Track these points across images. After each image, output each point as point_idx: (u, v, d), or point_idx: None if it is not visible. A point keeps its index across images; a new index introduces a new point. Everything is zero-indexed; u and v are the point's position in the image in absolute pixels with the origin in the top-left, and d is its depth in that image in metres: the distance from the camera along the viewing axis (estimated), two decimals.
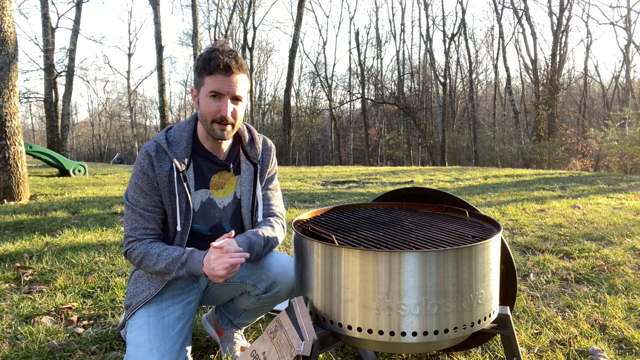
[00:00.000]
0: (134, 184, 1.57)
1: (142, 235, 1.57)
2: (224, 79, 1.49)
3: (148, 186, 1.56)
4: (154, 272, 1.55)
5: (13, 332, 2.13)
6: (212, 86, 1.49)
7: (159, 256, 1.52)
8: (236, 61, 1.49)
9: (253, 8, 27.80)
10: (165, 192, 1.56)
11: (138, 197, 1.56)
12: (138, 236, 1.56)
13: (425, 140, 27.74)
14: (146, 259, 1.53)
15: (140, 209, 1.56)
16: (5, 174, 5.88)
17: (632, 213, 4.71)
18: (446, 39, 28.68)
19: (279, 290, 1.69)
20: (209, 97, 1.51)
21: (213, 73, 1.48)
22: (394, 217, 1.75)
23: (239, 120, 1.57)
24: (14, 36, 5.97)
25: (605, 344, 1.96)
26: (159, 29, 17.59)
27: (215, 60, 1.47)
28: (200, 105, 1.54)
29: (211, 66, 1.48)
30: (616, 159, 18.89)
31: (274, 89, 49.65)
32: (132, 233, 1.57)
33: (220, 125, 1.53)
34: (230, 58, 1.48)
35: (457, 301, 1.24)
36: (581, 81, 28.31)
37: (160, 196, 1.57)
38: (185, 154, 1.58)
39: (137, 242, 1.56)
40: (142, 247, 1.54)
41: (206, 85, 1.50)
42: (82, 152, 48.43)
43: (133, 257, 1.56)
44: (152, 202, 1.56)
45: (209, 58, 1.49)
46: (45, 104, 17.22)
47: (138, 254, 1.54)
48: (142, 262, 1.54)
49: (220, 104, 1.51)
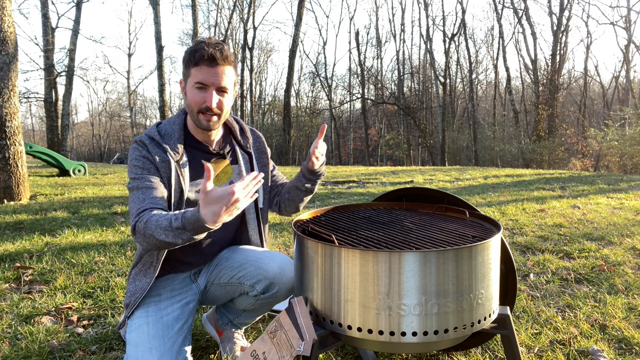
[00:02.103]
0: (134, 166, 1.54)
1: (151, 205, 1.47)
2: (209, 70, 1.50)
3: (151, 166, 1.54)
4: (159, 242, 1.38)
5: (13, 332, 2.13)
6: (198, 77, 1.51)
7: (160, 224, 1.37)
8: (221, 53, 1.51)
9: (253, 8, 27.81)
10: (165, 177, 1.56)
11: (141, 174, 1.52)
12: (147, 206, 1.46)
13: (425, 140, 27.75)
14: (148, 226, 1.39)
15: (146, 182, 1.51)
16: (5, 174, 5.88)
17: (632, 213, 4.71)
18: (446, 39, 28.67)
19: (277, 291, 1.68)
20: (195, 88, 1.53)
21: (198, 64, 1.50)
22: (394, 217, 1.75)
23: (225, 111, 1.59)
24: (14, 36, 5.97)
25: (605, 344, 1.96)
26: (159, 29, 17.59)
27: (200, 51, 1.49)
28: (187, 96, 1.56)
29: (196, 57, 1.49)
30: (616, 159, 18.89)
31: (274, 89, 49.68)
32: (141, 205, 1.47)
33: (206, 115, 1.55)
34: (215, 50, 1.50)
35: (457, 301, 1.24)
36: (581, 81, 28.31)
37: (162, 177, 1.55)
38: (178, 145, 1.59)
39: (146, 212, 1.44)
40: (147, 217, 1.41)
41: (192, 76, 1.52)
42: (82, 152, 48.43)
43: (140, 229, 1.41)
44: (157, 178, 1.54)
45: (194, 49, 1.51)
46: (45, 104, 17.22)
47: (143, 223, 1.40)
48: (146, 233, 1.39)
49: (205, 94, 1.53)
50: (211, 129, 1.60)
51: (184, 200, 1.59)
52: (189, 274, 1.76)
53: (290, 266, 1.70)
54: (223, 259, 1.76)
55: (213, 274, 1.75)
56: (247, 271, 1.69)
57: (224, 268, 1.73)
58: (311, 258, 1.35)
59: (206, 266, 1.78)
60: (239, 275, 1.70)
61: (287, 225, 4.37)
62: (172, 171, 1.56)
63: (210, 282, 1.75)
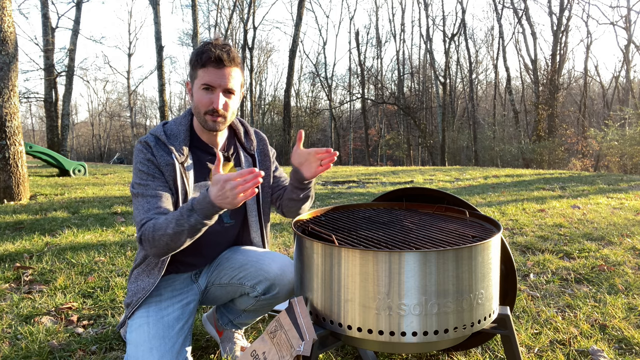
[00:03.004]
0: (139, 171, 1.54)
1: (156, 214, 1.47)
2: (215, 71, 1.51)
3: (155, 170, 1.54)
4: (169, 237, 1.41)
5: (13, 332, 2.13)
6: (204, 79, 1.51)
7: (166, 219, 1.42)
8: (228, 54, 1.51)
9: (253, 8, 27.81)
10: (170, 180, 1.56)
11: (146, 181, 1.52)
12: (152, 215, 1.47)
13: (425, 140, 27.75)
14: (157, 230, 1.41)
15: (151, 191, 1.51)
16: (5, 174, 5.88)
17: (632, 213, 4.71)
18: (446, 39, 28.68)
19: (278, 292, 1.68)
20: (202, 89, 1.53)
21: (205, 66, 1.50)
22: (394, 217, 1.75)
23: (231, 113, 1.59)
24: (14, 36, 5.97)
25: (605, 344, 1.96)
26: (159, 29, 17.58)
27: (207, 53, 1.49)
28: (193, 97, 1.57)
29: (203, 59, 1.50)
30: (616, 159, 18.89)
31: (274, 89, 49.65)
32: (146, 215, 1.47)
33: (212, 117, 1.55)
34: (222, 51, 1.50)
35: (457, 301, 1.24)
36: (581, 81, 28.32)
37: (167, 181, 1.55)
38: (183, 146, 1.59)
39: (150, 221, 1.45)
40: (153, 222, 1.44)
41: (199, 77, 1.53)
42: (82, 152, 48.42)
43: (147, 234, 1.43)
44: (162, 184, 1.54)
45: (201, 51, 1.51)
46: (45, 104, 17.22)
47: (150, 229, 1.43)
48: (155, 236, 1.41)
49: (212, 96, 1.53)
50: (217, 130, 1.60)
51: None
52: (190, 275, 1.76)
53: (291, 267, 1.69)
54: (224, 259, 1.76)
55: (214, 274, 1.75)
56: (248, 272, 1.69)
57: (224, 268, 1.73)
58: (311, 258, 1.35)
59: (207, 266, 1.78)
60: (239, 275, 1.70)
61: (287, 225, 4.37)
62: (176, 174, 1.55)
63: (211, 283, 1.75)
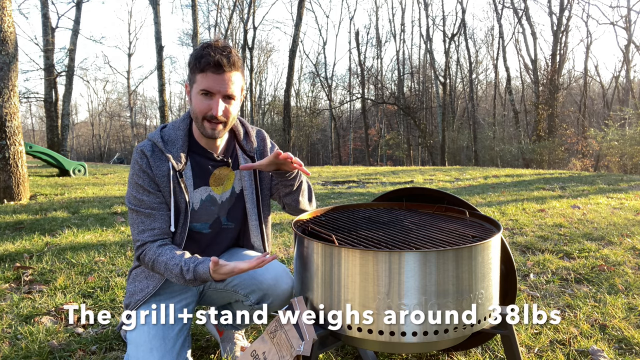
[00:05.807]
0: (135, 184, 1.54)
1: (150, 237, 1.52)
2: (215, 77, 1.45)
3: (150, 183, 1.53)
4: (165, 275, 1.52)
5: (13, 332, 2.13)
6: (203, 84, 1.46)
7: (166, 266, 1.48)
8: (228, 59, 1.45)
9: (253, 8, 27.81)
10: (166, 192, 1.55)
11: (141, 196, 1.53)
12: (146, 239, 1.52)
13: (425, 140, 27.74)
14: (155, 267, 1.51)
15: (144, 209, 1.53)
16: (5, 174, 5.88)
17: (632, 213, 4.71)
18: (446, 39, 28.67)
19: (272, 302, 1.64)
20: (200, 94, 1.48)
21: (204, 71, 1.45)
22: (394, 217, 1.75)
23: (231, 118, 1.54)
24: (14, 36, 5.97)
25: (605, 344, 1.96)
26: (159, 29, 17.57)
27: (206, 57, 1.43)
28: (192, 102, 1.52)
29: (202, 64, 1.44)
30: (616, 159, 18.88)
31: (274, 89, 49.54)
32: (140, 237, 1.52)
33: (211, 123, 1.51)
34: (222, 55, 1.43)
35: (457, 301, 1.24)
36: (581, 81, 28.30)
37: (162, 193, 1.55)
38: (181, 153, 1.56)
39: (147, 246, 1.52)
40: (150, 254, 1.50)
41: (198, 82, 1.47)
42: (82, 152, 48.41)
43: (145, 262, 1.53)
44: (157, 199, 1.54)
45: (200, 55, 1.45)
46: (45, 104, 17.21)
47: (148, 260, 1.51)
48: (153, 268, 1.52)
49: (211, 102, 1.48)
50: (216, 137, 1.55)
51: (188, 211, 1.58)
52: None
53: (286, 277, 1.66)
54: None
55: None
56: (242, 279, 1.66)
57: None
58: (311, 258, 1.35)
59: None
60: (234, 282, 1.68)
61: (287, 225, 4.37)
62: (172, 184, 1.53)
63: (207, 286, 1.74)
